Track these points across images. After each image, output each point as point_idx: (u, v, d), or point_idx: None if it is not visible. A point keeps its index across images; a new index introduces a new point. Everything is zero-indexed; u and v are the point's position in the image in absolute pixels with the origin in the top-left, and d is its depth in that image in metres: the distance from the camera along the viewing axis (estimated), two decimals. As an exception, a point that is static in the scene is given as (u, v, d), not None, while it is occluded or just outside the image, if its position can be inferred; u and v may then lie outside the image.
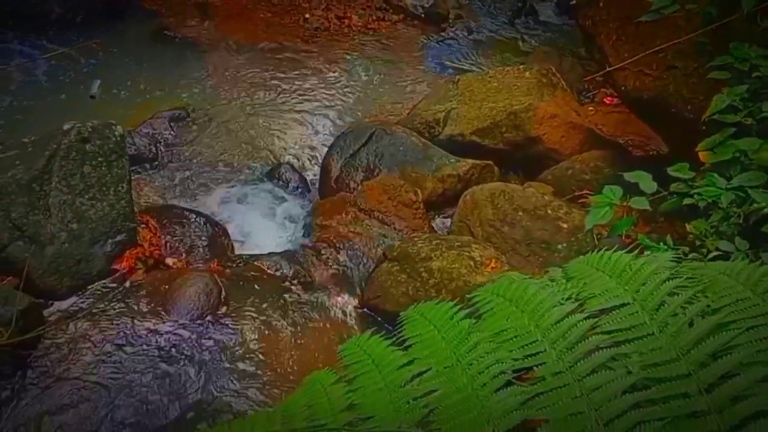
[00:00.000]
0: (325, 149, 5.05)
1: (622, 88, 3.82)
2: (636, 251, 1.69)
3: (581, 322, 1.48)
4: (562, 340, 1.46)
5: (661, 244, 3.20)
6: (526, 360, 1.47)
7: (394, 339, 1.75)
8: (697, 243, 2.84)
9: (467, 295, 1.85)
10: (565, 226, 3.74)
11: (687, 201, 3.02)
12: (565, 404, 1.34)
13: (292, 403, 1.63)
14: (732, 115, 2.95)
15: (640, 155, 4.14)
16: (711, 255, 2.68)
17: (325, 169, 4.78)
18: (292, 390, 3.33)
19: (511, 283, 1.69)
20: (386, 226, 4.12)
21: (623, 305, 1.50)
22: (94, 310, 3.50)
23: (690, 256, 2.77)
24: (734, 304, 1.45)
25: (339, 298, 3.84)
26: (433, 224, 4.29)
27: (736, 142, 2.85)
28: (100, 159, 3.68)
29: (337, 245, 4.09)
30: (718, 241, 2.73)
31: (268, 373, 3.42)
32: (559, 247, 3.72)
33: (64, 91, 5.62)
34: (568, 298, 1.57)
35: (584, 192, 4.05)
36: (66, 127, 3.66)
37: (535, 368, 1.47)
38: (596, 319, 1.49)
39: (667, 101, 3.55)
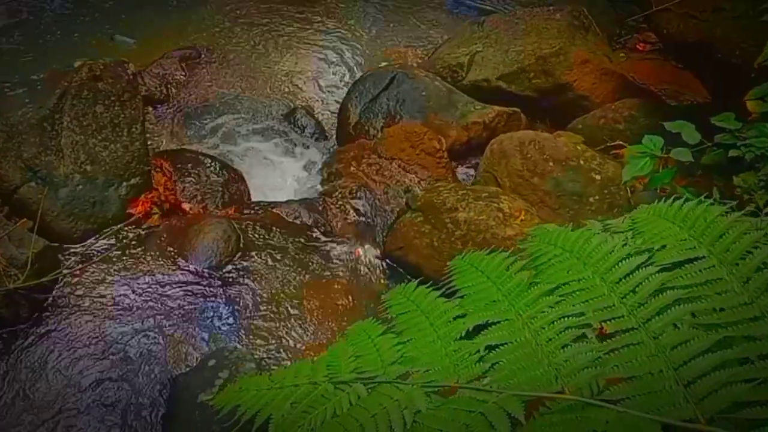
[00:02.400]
0: (342, 94, 4.88)
1: (664, 31, 3.63)
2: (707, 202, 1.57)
3: (653, 276, 1.36)
4: (632, 295, 1.35)
5: (703, 198, 3.07)
6: (593, 315, 1.36)
7: (443, 290, 1.65)
8: (745, 197, 2.71)
9: (519, 245, 1.73)
10: (597, 178, 3.60)
11: (733, 153, 2.88)
12: (641, 363, 1.24)
13: (336, 354, 1.54)
14: (787, 60, 2.79)
15: (677, 105, 3.98)
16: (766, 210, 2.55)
17: (343, 114, 4.61)
18: (332, 340, 3.28)
19: (570, 234, 1.57)
20: (408, 175, 3.99)
21: (698, 259, 1.39)
22: (110, 255, 3.41)
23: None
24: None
25: (360, 249, 3.73)
26: (457, 174, 4.15)
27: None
28: (112, 98, 3.53)
29: (358, 194, 3.96)
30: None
31: (288, 322, 3.34)
32: (591, 200, 3.58)
33: (76, 30, 5.42)
34: (636, 250, 1.46)
35: (617, 143, 3.90)
36: (77, 64, 3.51)
37: (603, 324, 1.37)
38: (669, 273, 1.38)
39: (713, 46, 3.36)
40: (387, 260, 3.66)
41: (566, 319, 1.35)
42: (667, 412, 1.15)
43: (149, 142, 4.06)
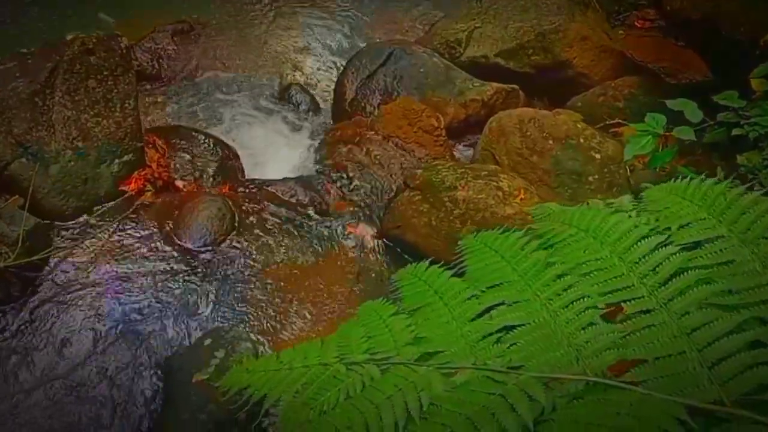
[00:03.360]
0: (338, 70, 4.81)
1: (668, 8, 3.58)
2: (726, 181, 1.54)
3: (673, 256, 1.33)
4: (652, 275, 1.32)
5: (704, 176, 3.05)
6: (612, 295, 1.34)
7: (455, 269, 1.61)
8: (749, 176, 2.69)
9: (532, 224, 1.70)
10: (597, 156, 3.57)
11: (736, 131, 2.86)
12: (663, 344, 1.21)
13: (347, 334, 1.50)
14: (795, 38, 2.76)
15: (677, 83, 3.94)
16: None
17: (339, 90, 4.54)
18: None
19: (585, 213, 1.54)
20: (406, 153, 3.94)
21: (718, 238, 1.36)
22: (103, 233, 3.35)
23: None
24: None
25: (357, 228, 3.68)
26: (455, 152, 4.10)
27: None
28: (105, 73, 3.45)
29: (354, 172, 3.91)
30: (773, 174, 2.58)
31: (285, 302, 3.30)
32: (591, 179, 3.55)
33: (61, 6, 5.30)
34: (654, 230, 1.43)
35: (617, 121, 3.86)
36: (68, 37, 3.42)
37: (623, 304, 1.34)
38: (689, 253, 1.35)
39: (718, 23, 3.31)
40: (384, 239, 3.62)
41: (585, 299, 1.32)
42: (691, 394, 1.13)
43: (143, 118, 3.98)
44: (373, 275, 3.49)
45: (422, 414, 1.23)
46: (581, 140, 3.61)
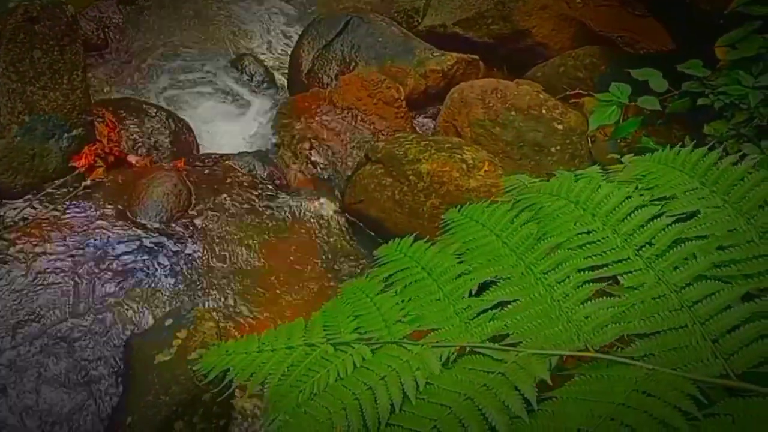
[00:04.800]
0: (293, 40, 4.68)
1: (627, -23, 3.57)
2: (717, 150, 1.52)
3: (669, 227, 1.31)
4: (649, 247, 1.28)
5: (668, 147, 3.06)
6: (608, 268, 1.30)
7: (438, 245, 1.56)
8: (717, 146, 2.69)
9: (517, 197, 1.66)
10: (560, 127, 3.56)
11: (702, 101, 2.86)
12: (664, 318, 1.18)
13: (332, 314, 1.43)
14: (759, 6, 2.75)
15: (638, 53, 3.95)
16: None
17: (294, 61, 4.41)
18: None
19: (574, 184, 1.50)
20: (366, 125, 3.86)
21: (712, 208, 1.34)
22: (54, 211, 3.19)
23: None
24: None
25: (317, 202, 3.60)
26: (415, 124, 4.04)
27: (766, 36, 2.67)
28: (51, 43, 3.26)
29: (313, 145, 3.82)
30: (739, 144, 2.60)
31: (246, 279, 3.21)
32: (553, 150, 3.55)
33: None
34: (648, 200, 1.40)
35: (577, 91, 3.86)
36: (11, 5, 3.22)
37: (619, 278, 1.31)
38: (684, 224, 1.33)
39: (682, -8, 3.32)
40: (346, 214, 3.55)
41: (582, 273, 1.29)
42: (696, 369, 1.10)
43: (90, 91, 3.80)
44: (336, 251, 3.42)
45: (419, 394, 1.18)
46: (543, 111, 3.60)
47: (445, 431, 1.08)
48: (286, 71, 4.54)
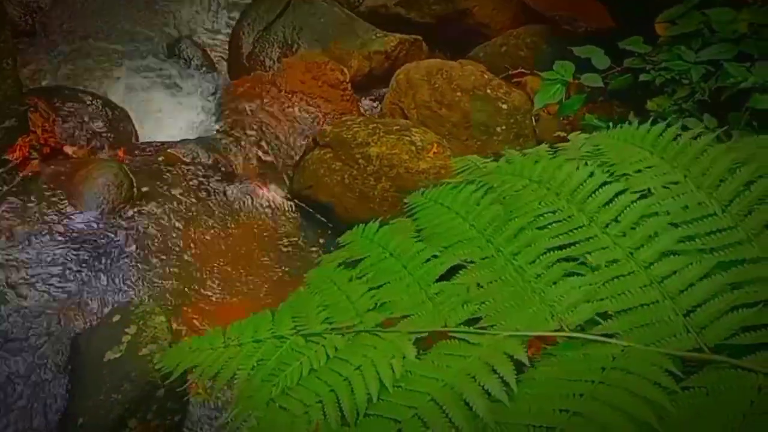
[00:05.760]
0: (232, 22, 4.55)
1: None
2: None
3: (634, 204, 1.32)
4: (615, 224, 1.29)
5: (611, 124, 3.11)
6: (576, 247, 1.31)
7: (396, 228, 1.54)
8: (660, 121, 2.73)
9: (479, 178, 1.65)
10: (504, 107, 3.58)
11: (644, 77, 2.91)
12: (635, 294, 1.19)
13: (299, 305, 1.39)
14: (698, -17, 2.82)
15: (579, 31, 3.99)
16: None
17: (234, 44, 4.30)
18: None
19: (537, 164, 1.50)
20: (311, 109, 3.80)
21: (674, 184, 1.36)
22: (-12, 207, 3.04)
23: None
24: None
25: (265, 189, 3.53)
26: (361, 107, 4.00)
27: (706, 12, 2.73)
28: (-25, 28, 3.09)
29: (258, 130, 3.74)
30: (682, 118, 2.65)
31: (196, 271, 3.13)
32: (498, 129, 3.57)
33: None
34: (610, 178, 1.41)
35: (520, 70, 3.88)
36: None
37: (588, 256, 1.31)
38: (648, 200, 1.34)
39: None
40: (295, 200, 3.50)
41: (551, 253, 1.28)
42: (669, 344, 1.11)
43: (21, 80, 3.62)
44: (287, 237, 3.37)
45: (396, 383, 1.16)
46: (488, 91, 3.61)
47: (426, 419, 1.07)
48: (226, 55, 4.42)
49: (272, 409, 1.19)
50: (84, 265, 3.01)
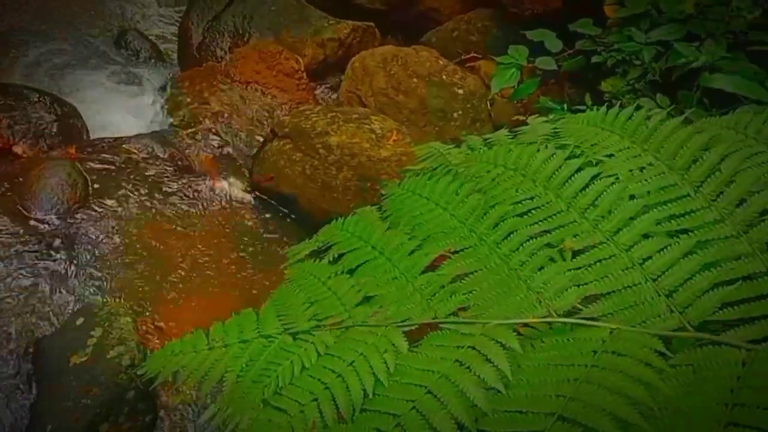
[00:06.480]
0: (180, 12, 4.45)
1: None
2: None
3: (610, 188, 1.35)
4: (593, 209, 1.32)
5: (564, 106, 3.17)
6: (557, 232, 1.33)
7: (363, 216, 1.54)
8: (614, 102, 2.81)
9: (452, 167, 1.66)
10: (460, 92, 3.60)
11: (596, 59, 2.97)
12: (618, 277, 1.22)
13: (285, 302, 1.39)
14: (645, -36, 2.88)
15: (523, 14, 4.02)
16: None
17: (183, 35, 4.21)
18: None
19: (511, 152, 1.52)
20: (268, 99, 3.75)
21: (647, 166, 1.39)
22: (-65, 213, 2.92)
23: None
24: (756, 157, 1.38)
25: (225, 182, 3.48)
26: (317, 96, 3.97)
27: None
28: None
29: (214, 123, 3.68)
30: (635, 99, 2.71)
31: (158, 269, 3.06)
32: (455, 115, 3.59)
33: None
34: (585, 163, 1.43)
35: (472, 55, 3.91)
36: None
37: (566, 240, 1.34)
38: (623, 183, 1.37)
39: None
40: (256, 192, 3.46)
41: (534, 240, 1.31)
42: (654, 324, 1.15)
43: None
44: (250, 231, 3.33)
45: (390, 377, 1.17)
46: (444, 77, 3.62)
47: (424, 411, 1.08)
48: (175, 46, 4.33)
49: (266, 410, 1.18)
50: (40, 268, 2.92)
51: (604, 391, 1.02)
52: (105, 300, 2.85)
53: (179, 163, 3.51)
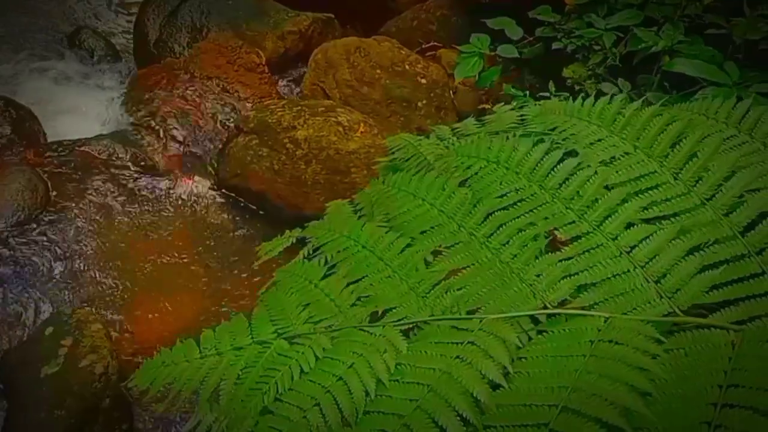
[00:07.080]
0: (135, 9, 4.35)
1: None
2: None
3: (593, 177, 1.37)
4: (578, 199, 1.34)
5: (527, 93, 3.20)
6: (544, 223, 1.35)
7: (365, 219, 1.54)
8: (577, 87, 2.85)
9: (433, 161, 1.66)
10: (423, 81, 3.60)
11: (556, 45, 3.00)
12: (606, 266, 1.24)
13: (276, 305, 1.38)
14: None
15: (481, 2, 4.03)
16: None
17: (139, 31, 4.12)
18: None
19: (492, 145, 1.53)
20: (230, 95, 3.70)
21: (626, 155, 1.41)
22: None
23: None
24: (728, 141, 1.42)
25: (190, 181, 3.43)
26: (279, 89, 3.92)
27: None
28: None
29: (176, 120, 3.61)
30: (598, 84, 2.76)
31: (127, 273, 3.02)
32: (420, 104, 3.59)
33: None
34: (566, 154, 1.45)
35: (432, 44, 3.91)
36: None
37: (555, 232, 1.36)
38: (604, 172, 1.39)
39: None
40: (223, 190, 3.42)
41: (524, 232, 1.32)
42: (645, 311, 1.17)
43: None
44: (219, 230, 3.29)
45: (391, 377, 1.17)
46: (407, 66, 3.62)
47: (429, 410, 1.08)
48: (131, 43, 4.23)
49: (266, 418, 1.17)
50: (5, 278, 2.85)
51: (605, 380, 1.04)
52: (73, 308, 2.79)
53: (142, 163, 3.44)
